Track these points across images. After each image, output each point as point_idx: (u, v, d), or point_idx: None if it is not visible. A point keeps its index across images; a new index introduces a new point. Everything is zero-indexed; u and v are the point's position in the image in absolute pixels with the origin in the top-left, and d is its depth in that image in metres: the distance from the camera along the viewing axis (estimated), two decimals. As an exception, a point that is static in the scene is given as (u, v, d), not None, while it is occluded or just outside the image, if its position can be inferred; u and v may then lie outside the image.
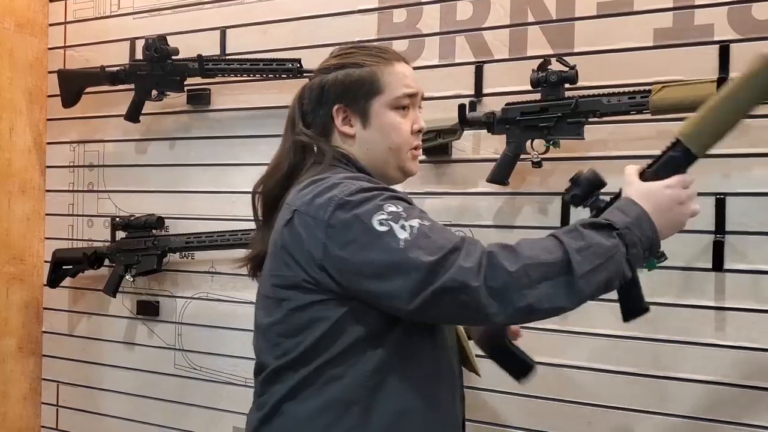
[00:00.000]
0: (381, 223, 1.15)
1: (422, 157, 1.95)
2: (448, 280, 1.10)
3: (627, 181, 1.26)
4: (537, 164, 1.79)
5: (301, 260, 1.19)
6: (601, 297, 1.16)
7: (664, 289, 1.72)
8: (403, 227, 1.14)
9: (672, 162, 1.24)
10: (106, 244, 2.48)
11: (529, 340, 1.51)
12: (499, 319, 1.12)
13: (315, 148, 1.33)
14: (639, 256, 1.17)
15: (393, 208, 1.15)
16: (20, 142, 2.65)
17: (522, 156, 1.80)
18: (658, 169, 1.25)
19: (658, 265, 1.29)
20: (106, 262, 2.47)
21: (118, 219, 2.44)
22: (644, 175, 1.25)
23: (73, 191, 2.64)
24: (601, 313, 1.78)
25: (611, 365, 1.79)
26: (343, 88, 1.32)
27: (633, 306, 1.32)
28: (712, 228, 1.66)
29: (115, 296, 2.42)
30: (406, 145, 1.33)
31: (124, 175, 2.53)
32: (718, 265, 1.65)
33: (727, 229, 1.65)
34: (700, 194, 1.64)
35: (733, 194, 1.65)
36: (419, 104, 1.36)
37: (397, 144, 1.32)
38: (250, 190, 1.37)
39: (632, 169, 1.28)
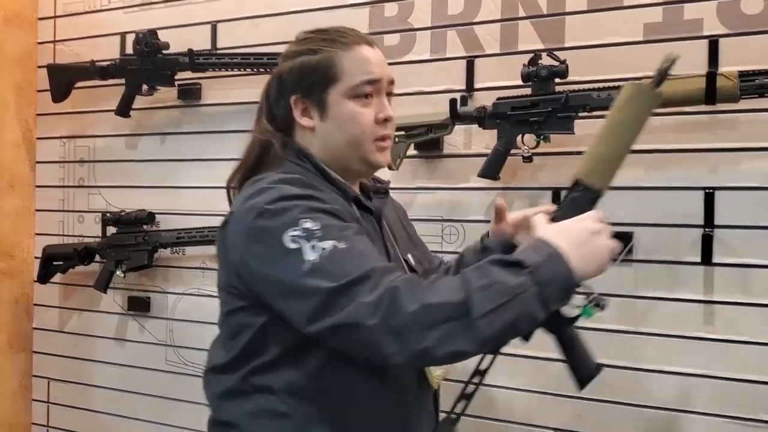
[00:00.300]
0: (293, 240, 1.10)
1: (413, 152, 1.97)
2: (344, 316, 1.06)
3: (537, 227, 1.17)
4: (528, 159, 1.79)
5: (227, 264, 1.18)
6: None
7: (653, 283, 1.73)
8: (313, 248, 1.09)
9: (575, 202, 1.20)
10: (97, 239, 2.47)
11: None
12: (396, 361, 1.06)
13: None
14: (553, 296, 1.08)
15: (309, 225, 1.11)
16: (9, 137, 2.63)
17: (513, 151, 1.81)
18: (564, 212, 1.19)
19: (596, 315, 1.20)
20: (97, 257, 2.46)
21: (108, 214, 2.43)
22: (554, 221, 1.19)
23: (63, 187, 2.63)
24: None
25: (601, 359, 1.80)
26: (299, 77, 1.24)
27: (582, 368, 1.23)
28: (701, 222, 1.67)
29: (105, 292, 2.41)
30: (367, 136, 1.24)
31: (115, 170, 2.52)
32: (706, 258, 1.66)
33: (716, 223, 1.66)
34: (689, 188, 1.68)
35: (722, 188, 1.66)
36: (388, 90, 1.27)
37: (357, 136, 1.24)
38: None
39: (540, 218, 1.21)
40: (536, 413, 1.88)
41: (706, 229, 1.66)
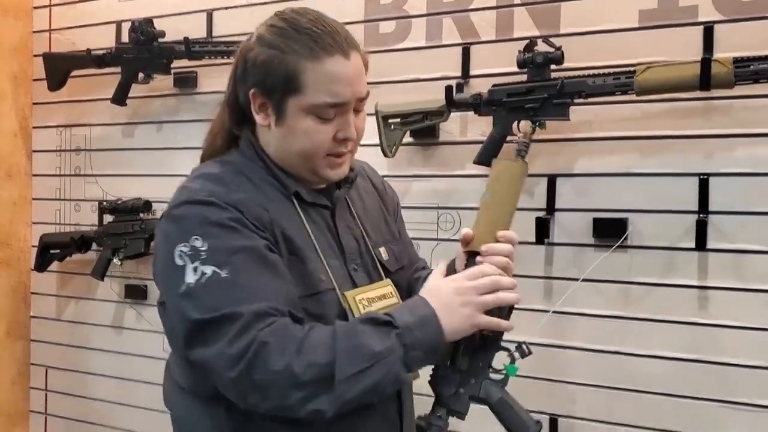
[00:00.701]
0: (180, 256, 1.09)
1: (409, 140, 1.98)
2: (204, 357, 1.06)
3: (430, 277, 1.20)
4: (523, 145, 1.79)
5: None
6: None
7: (648, 269, 1.74)
8: (194, 270, 1.07)
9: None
10: (94, 228, 2.48)
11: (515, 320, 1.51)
12: (261, 410, 1.08)
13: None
14: (418, 359, 1.10)
15: (197, 243, 1.09)
16: (5, 126, 2.63)
17: (508, 138, 1.81)
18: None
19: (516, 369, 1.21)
20: (94, 246, 2.47)
21: (105, 203, 2.44)
22: None
23: (59, 175, 2.63)
24: (586, 294, 1.80)
25: (597, 345, 1.81)
26: (261, 73, 1.16)
27: (515, 430, 1.21)
28: (696, 208, 1.68)
29: (102, 280, 2.42)
30: (318, 153, 1.18)
31: (111, 158, 2.52)
32: (701, 244, 1.67)
33: (710, 209, 1.67)
34: (683, 175, 1.69)
35: (717, 174, 1.67)
36: (358, 107, 1.19)
37: (308, 151, 1.18)
38: None
39: (439, 269, 1.23)
40: (529, 398, 1.88)
41: (701, 215, 1.67)
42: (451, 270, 1.32)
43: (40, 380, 2.69)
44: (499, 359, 1.21)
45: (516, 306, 1.20)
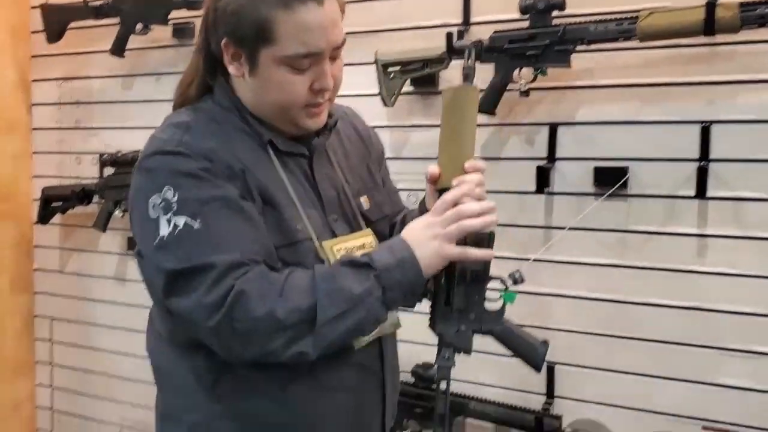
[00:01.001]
0: (153, 208, 1.09)
1: (409, 89, 1.96)
2: (181, 308, 1.08)
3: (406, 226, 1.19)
4: (524, 93, 1.78)
5: None
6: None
7: (647, 217, 1.74)
8: (168, 221, 1.08)
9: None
10: (95, 180, 2.48)
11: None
12: (244, 358, 1.10)
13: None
14: (397, 299, 1.12)
15: (169, 195, 1.09)
16: (5, 79, 2.62)
17: (510, 86, 1.80)
18: None
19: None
20: (95, 198, 2.48)
21: (105, 155, 2.43)
22: None
23: (60, 128, 2.63)
24: (586, 242, 1.80)
25: (595, 293, 1.82)
26: (232, 23, 1.12)
27: (530, 354, 1.23)
28: (697, 156, 1.67)
29: (105, 231, 2.43)
30: (296, 104, 1.16)
31: (111, 111, 2.52)
32: (701, 192, 1.66)
33: (711, 156, 1.66)
34: (685, 122, 1.68)
35: (719, 122, 1.66)
36: (333, 55, 1.15)
37: (284, 103, 1.16)
38: None
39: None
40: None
41: (702, 163, 1.66)
42: (421, 207, 1.32)
43: (45, 331, 2.72)
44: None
45: (515, 255, 1.21)
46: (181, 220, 1.08)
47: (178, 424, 1.25)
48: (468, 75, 1.23)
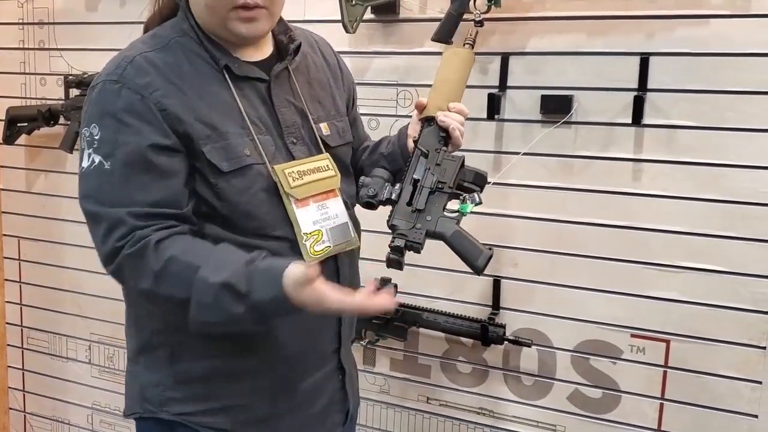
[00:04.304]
0: (82, 139, 1.21)
1: (370, 16, 2.02)
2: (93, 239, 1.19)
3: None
4: (479, 23, 1.86)
5: None
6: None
7: (589, 143, 1.87)
8: (89, 156, 1.18)
9: (431, 133, 1.39)
10: (60, 102, 2.51)
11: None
12: None
13: None
14: (270, 318, 1.17)
15: (95, 131, 1.17)
16: (-36, -2, 2.59)
17: (465, 16, 1.88)
18: (422, 140, 1.39)
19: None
20: (62, 120, 2.51)
21: (71, 77, 2.46)
22: (415, 144, 1.39)
23: (23, 49, 2.62)
24: (532, 167, 1.93)
25: (539, 213, 1.95)
26: None
27: (472, 256, 1.31)
28: (635, 86, 1.79)
29: (71, 152, 2.47)
30: (222, 4, 1.21)
31: (76, 32, 2.52)
32: (637, 120, 1.79)
33: (649, 87, 1.78)
34: (626, 54, 1.79)
35: (656, 54, 1.77)
36: None
37: (210, 4, 1.22)
38: None
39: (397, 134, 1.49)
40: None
41: (639, 93, 1.78)
42: (402, 135, 1.44)
43: (13, 250, 2.77)
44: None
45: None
46: (97, 158, 1.17)
47: (140, 330, 1.36)
48: (467, 42, 1.52)
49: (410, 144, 1.42)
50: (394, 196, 1.31)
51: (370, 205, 1.33)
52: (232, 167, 1.23)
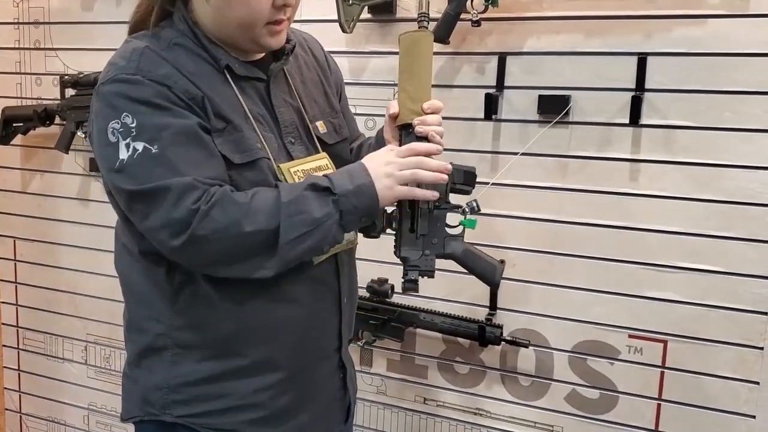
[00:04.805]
0: (113, 133, 1.15)
1: (367, 16, 2.02)
2: (148, 228, 1.16)
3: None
4: (476, 23, 1.86)
5: None
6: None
7: (586, 143, 1.86)
8: (127, 146, 1.14)
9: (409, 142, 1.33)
10: (56, 101, 2.49)
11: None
12: (206, 273, 1.22)
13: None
14: (353, 223, 1.23)
15: (128, 120, 1.14)
16: (-40, -2, 2.59)
17: (463, 15, 1.87)
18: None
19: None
20: (57, 120, 2.50)
21: (66, 77, 2.45)
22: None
23: (19, 49, 2.62)
24: (529, 167, 1.92)
25: (536, 213, 1.94)
26: None
27: (488, 274, 1.35)
28: (633, 86, 1.78)
29: (67, 152, 2.46)
30: (258, 21, 1.21)
31: (71, 32, 2.51)
32: (634, 120, 1.78)
33: (646, 87, 1.77)
34: (624, 54, 1.78)
35: (654, 54, 1.76)
36: None
37: (247, 20, 1.21)
38: None
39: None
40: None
41: (637, 92, 1.77)
42: (378, 135, 1.43)
43: (9, 251, 2.77)
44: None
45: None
46: (140, 145, 1.13)
47: (142, 334, 1.34)
48: (422, 21, 1.34)
49: None
50: (394, 225, 1.32)
51: (372, 236, 1.35)
52: (245, 159, 1.24)
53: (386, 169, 1.24)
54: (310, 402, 1.39)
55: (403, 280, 1.31)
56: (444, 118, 1.41)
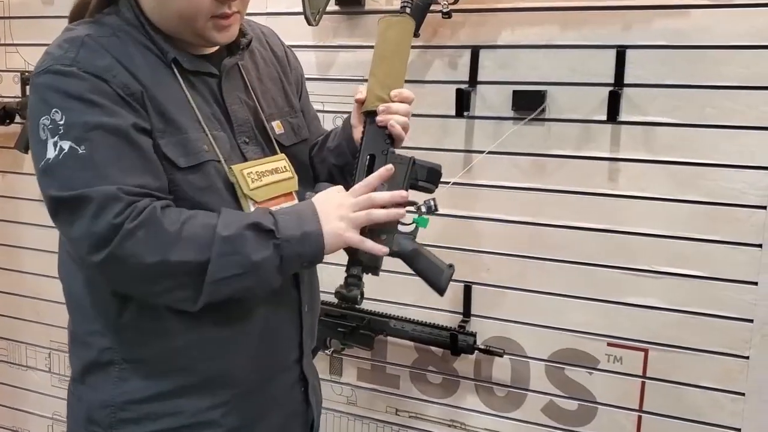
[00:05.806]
0: (43, 129, 1.07)
1: (334, 8, 1.93)
2: (70, 237, 1.09)
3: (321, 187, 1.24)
4: (446, 15, 1.77)
5: None
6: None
7: (563, 141, 1.77)
8: (54, 144, 1.06)
9: (373, 130, 1.27)
10: (17, 99, 2.40)
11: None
12: (124, 291, 1.14)
13: None
14: (292, 269, 1.15)
15: (57, 116, 1.06)
16: None
17: (433, 7, 1.78)
18: (366, 140, 1.28)
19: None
20: (17, 119, 2.40)
21: (27, 73, 2.36)
22: (360, 142, 1.29)
23: (-23, 45, 2.53)
24: (504, 166, 1.83)
25: (512, 215, 1.86)
26: None
27: (435, 277, 1.27)
28: (611, 81, 1.69)
29: (27, 152, 2.37)
30: (199, 14, 1.12)
31: (32, 27, 2.42)
32: (612, 116, 1.69)
33: (625, 81, 1.69)
34: (601, 47, 1.69)
35: (633, 47, 1.68)
36: None
37: (187, 14, 1.13)
38: None
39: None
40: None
41: (615, 88, 1.69)
42: (346, 124, 1.33)
43: (-31, 255, 2.67)
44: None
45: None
46: (66, 144, 1.05)
47: (86, 348, 1.25)
48: (405, 6, 1.30)
49: (356, 135, 1.34)
50: None
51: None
52: (190, 163, 1.15)
53: (339, 212, 1.16)
54: (267, 418, 1.32)
55: (345, 275, 1.21)
56: (414, 115, 1.34)
